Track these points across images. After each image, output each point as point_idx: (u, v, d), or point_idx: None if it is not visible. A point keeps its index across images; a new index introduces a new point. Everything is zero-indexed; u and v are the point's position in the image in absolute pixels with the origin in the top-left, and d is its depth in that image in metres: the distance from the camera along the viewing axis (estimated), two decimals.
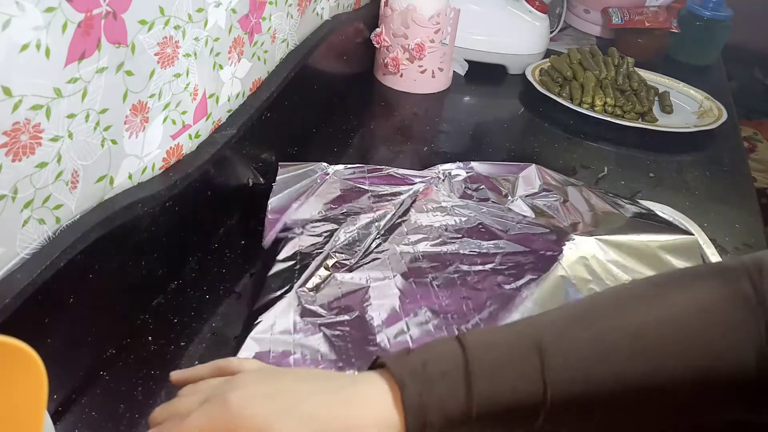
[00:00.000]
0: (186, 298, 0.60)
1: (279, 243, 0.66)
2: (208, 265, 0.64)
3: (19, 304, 0.41)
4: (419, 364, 0.38)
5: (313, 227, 0.68)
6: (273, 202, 0.71)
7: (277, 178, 0.74)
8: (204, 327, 0.58)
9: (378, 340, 0.56)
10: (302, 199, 0.72)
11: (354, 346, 0.55)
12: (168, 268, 0.60)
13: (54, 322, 0.46)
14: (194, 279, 0.62)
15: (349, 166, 0.79)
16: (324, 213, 0.71)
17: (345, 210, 0.71)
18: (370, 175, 0.78)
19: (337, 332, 0.56)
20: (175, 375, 0.45)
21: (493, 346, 0.39)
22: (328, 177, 0.77)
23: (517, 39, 1.16)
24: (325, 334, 0.55)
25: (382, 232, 0.68)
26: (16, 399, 0.30)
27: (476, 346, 0.39)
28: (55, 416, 0.48)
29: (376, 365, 0.40)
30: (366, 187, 0.76)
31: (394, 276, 0.62)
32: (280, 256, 0.64)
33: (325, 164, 0.78)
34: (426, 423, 0.36)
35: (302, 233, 0.67)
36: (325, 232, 0.67)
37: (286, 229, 0.69)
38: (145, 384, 0.52)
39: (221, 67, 0.65)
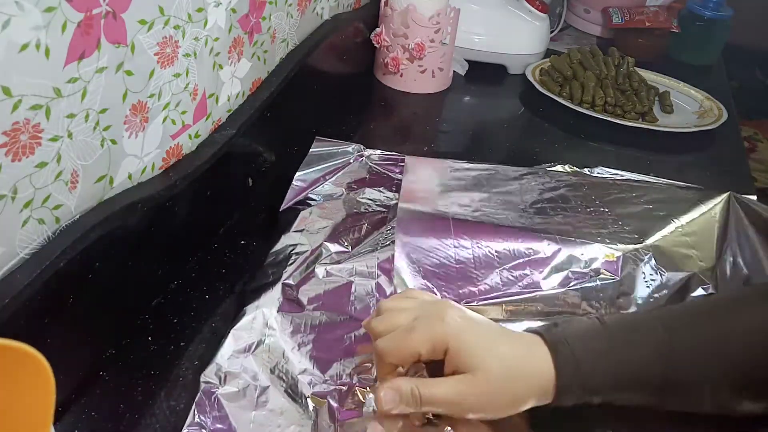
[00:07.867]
0: (186, 298, 0.60)
1: (294, 215, 0.66)
2: (208, 265, 0.64)
3: (19, 304, 0.41)
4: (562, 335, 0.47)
5: (328, 208, 0.68)
6: (302, 171, 0.71)
7: (311, 150, 0.74)
8: (204, 327, 0.57)
9: (346, 339, 0.54)
10: (329, 177, 0.73)
11: (320, 345, 0.54)
12: (168, 268, 0.60)
13: (54, 322, 0.45)
14: (194, 279, 0.62)
15: (386, 152, 0.79)
16: (346, 193, 0.71)
17: (364, 194, 0.71)
18: (403, 163, 0.77)
19: (310, 338, 0.54)
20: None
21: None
22: (361, 159, 0.76)
23: (517, 39, 1.16)
24: (296, 338, 0.54)
25: (389, 228, 0.68)
26: (23, 404, 0.30)
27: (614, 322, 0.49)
28: (55, 416, 0.48)
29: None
30: (394, 175, 0.76)
31: (378, 276, 0.60)
32: (287, 232, 0.64)
33: (361, 146, 0.78)
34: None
35: (317, 213, 0.67)
36: (336, 214, 0.67)
37: (307, 202, 0.69)
38: (145, 384, 0.51)
39: (221, 67, 0.65)
